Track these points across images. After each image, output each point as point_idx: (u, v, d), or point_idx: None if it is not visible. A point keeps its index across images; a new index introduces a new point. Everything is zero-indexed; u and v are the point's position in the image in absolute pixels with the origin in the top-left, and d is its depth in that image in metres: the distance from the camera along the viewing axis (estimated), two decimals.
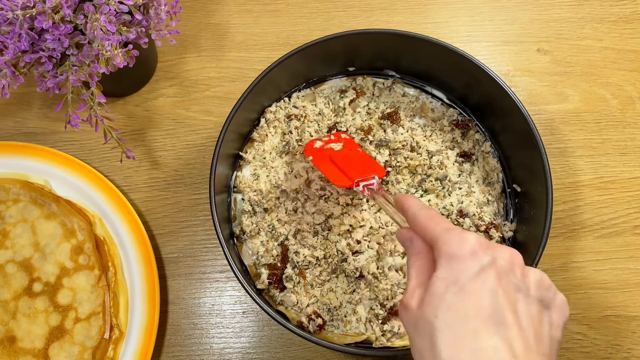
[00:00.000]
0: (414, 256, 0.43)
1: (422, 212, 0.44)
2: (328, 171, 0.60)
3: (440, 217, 0.43)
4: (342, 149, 0.63)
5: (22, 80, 0.57)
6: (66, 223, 0.67)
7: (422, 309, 0.38)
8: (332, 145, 0.63)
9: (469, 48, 0.77)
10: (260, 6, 0.81)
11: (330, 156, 0.61)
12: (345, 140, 0.64)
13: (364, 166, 0.61)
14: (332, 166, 0.61)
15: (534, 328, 0.37)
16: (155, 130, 0.74)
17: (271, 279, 0.61)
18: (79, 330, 0.63)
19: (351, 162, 0.61)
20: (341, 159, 0.61)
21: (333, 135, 0.65)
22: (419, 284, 0.40)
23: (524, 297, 0.38)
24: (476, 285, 0.37)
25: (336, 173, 0.60)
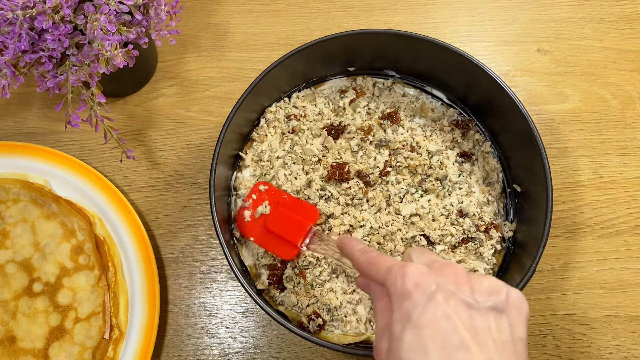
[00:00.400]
0: (376, 300, 0.43)
1: (362, 258, 0.45)
2: (273, 248, 0.61)
3: (380, 257, 0.43)
4: (271, 210, 0.63)
5: (22, 80, 0.57)
6: (66, 223, 0.67)
7: (389, 352, 0.38)
8: (260, 210, 0.63)
9: (469, 48, 0.77)
10: (260, 6, 0.81)
11: (267, 227, 0.61)
12: (268, 195, 0.64)
13: (297, 221, 0.60)
14: (273, 239, 0.61)
15: (494, 338, 0.37)
16: (155, 130, 0.74)
17: (271, 279, 0.61)
18: (79, 330, 0.63)
19: (286, 222, 0.61)
20: (277, 225, 0.61)
21: (254, 194, 0.64)
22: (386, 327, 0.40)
23: (476, 311, 0.38)
24: (428, 317, 0.37)
25: (280, 245, 0.60)
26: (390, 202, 0.64)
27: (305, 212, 0.62)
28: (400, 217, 0.63)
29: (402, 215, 0.63)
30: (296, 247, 0.59)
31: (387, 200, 0.64)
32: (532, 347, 0.65)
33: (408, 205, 0.64)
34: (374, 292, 0.43)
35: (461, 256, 0.62)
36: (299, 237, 0.59)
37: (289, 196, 0.63)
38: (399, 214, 0.63)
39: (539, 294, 0.66)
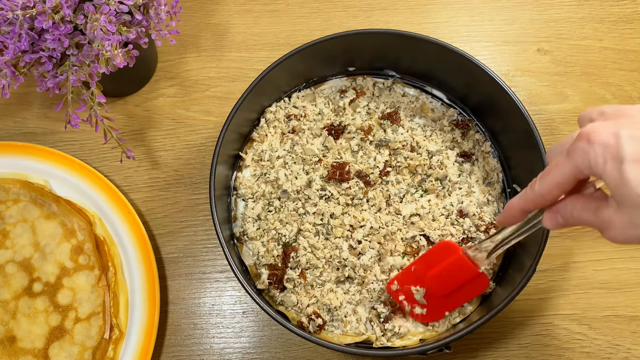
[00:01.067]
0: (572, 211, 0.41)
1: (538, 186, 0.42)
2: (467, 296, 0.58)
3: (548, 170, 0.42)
4: (426, 284, 0.58)
5: (22, 80, 0.57)
6: (66, 223, 0.67)
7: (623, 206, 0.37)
8: (418, 296, 0.59)
9: (469, 48, 0.77)
10: (260, 6, 0.81)
11: (442, 295, 0.58)
12: (405, 283, 0.60)
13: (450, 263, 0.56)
14: (458, 293, 0.58)
15: None
16: (155, 130, 0.74)
17: (271, 279, 0.61)
18: (79, 330, 0.63)
19: (448, 276, 0.57)
20: (445, 284, 0.57)
21: (399, 296, 0.60)
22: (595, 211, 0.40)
23: None
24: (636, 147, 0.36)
25: (470, 289, 0.57)
26: (390, 202, 0.64)
27: (443, 253, 0.58)
28: (400, 217, 0.63)
29: (402, 215, 0.63)
30: (480, 274, 0.56)
31: (387, 200, 0.64)
32: (532, 347, 0.65)
33: (408, 205, 0.64)
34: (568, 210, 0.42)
35: None
36: (471, 268, 0.55)
37: (415, 263, 0.60)
38: (399, 214, 0.63)
39: (539, 294, 0.66)
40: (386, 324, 0.59)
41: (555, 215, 0.43)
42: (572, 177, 0.40)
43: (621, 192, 0.36)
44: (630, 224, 0.37)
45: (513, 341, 0.65)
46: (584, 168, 0.38)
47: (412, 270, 0.59)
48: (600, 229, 0.40)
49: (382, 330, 0.59)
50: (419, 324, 0.60)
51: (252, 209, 0.64)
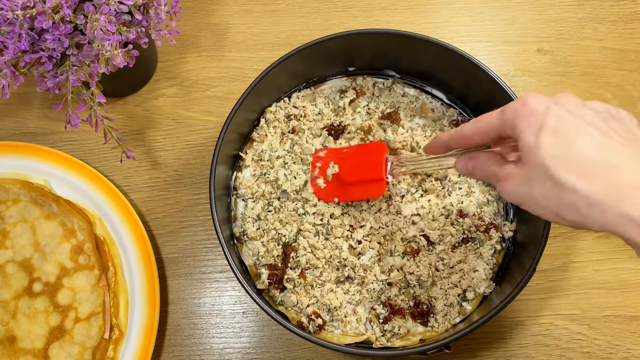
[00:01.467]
0: (485, 162, 0.45)
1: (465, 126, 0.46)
2: (360, 194, 0.61)
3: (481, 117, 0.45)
4: (340, 166, 0.62)
5: (22, 80, 0.57)
6: (66, 223, 0.67)
7: (525, 165, 0.40)
8: (330, 172, 0.63)
9: (469, 48, 0.77)
10: (260, 6, 0.81)
11: (345, 181, 0.61)
12: (330, 157, 0.64)
13: (370, 159, 0.60)
14: (356, 188, 0.61)
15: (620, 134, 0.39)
16: (155, 130, 0.74)
17: (271, 279, 0.61)
18: (79, 330, 0.63)
19: (360, 166, 0.60)
20: (354, 173, 0.61)
21: (317, 162, 0.64)
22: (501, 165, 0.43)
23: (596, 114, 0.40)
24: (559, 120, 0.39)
25: (366, 188, 0.60)
26: (390, 202, 0.64)
27: (372, 150, 0.61)
28: (400, 217, 0.63)
29: (403, 215, 0.63)
30: (381, 179, 0.58)
31: (387, 200, 0.64)
32: (532, 347, 0.65)
33: (408, 205, 0.64)
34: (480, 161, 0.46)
35: (461, 256, 0.62)
36: (379, 170, 0.58)
37: (348, 148, 0.63)
38: (399, 213, 0.63)
39: (539, 294, 0.66)
40: (386, 325, 0.59)
41: (468, 162, 0.47)
42: (496, 129, 0.43)
43: (530, 153, 0.39)
44: (525, 180, 0.40)
45: (513, 341, 0.65)
46: (508, 125, 0.42)
47: (342, 151, 0.63)
48: (497, 180, 0.43)
49: (381, 330, 0.59)
50: (419, 325, 0.60)
51: (252, 209, 0.64)
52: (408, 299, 0.61)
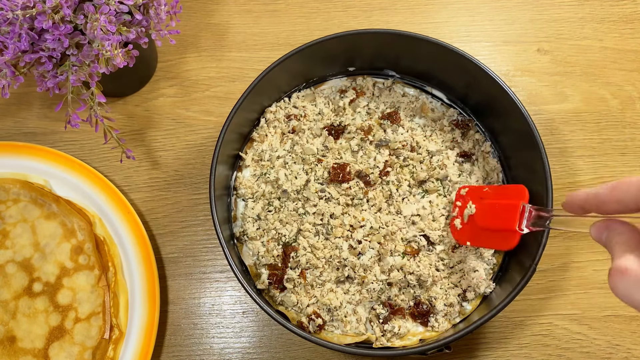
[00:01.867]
0: (619, 235, 0.38)
1: (601, 189, 0.39)
2: (492, 243, 0.58)
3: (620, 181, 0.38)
4: (477, 207, 0.59)
5: (22, 80, 0.57)
6: (66, 223, 0.67)
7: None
8: (467, 212, 0.60)
9: (469, 48, 0.77)
10: (260, 6, 0.81)
11: (478, 225, 0.58)
12: (470, 196, 0.61)
13: (505, 205, 0.55)
14: (490, 235, 0.57)
15: None
16: (155, 130, 0.74)
17: (271, 279, 0.61)
18: (79, 330, 0.63)
19: (494, 212, 0.56)
20: (486, 218, 0.57)
21: (457, 201, 0.62)
22: (631, 250, 0.36)
23: None
24: None
25: (499, 237, 0.56)
26: (390, 202, 0.64)
27: (511, 194, 0.57)
28: (400, 217, 0.63)
29: (403, 215, 0.63)
30: (514, 232, 0.53)
31: (387, 200, 0.64)
32: (532, 347, 0.65)
33: (408, 205, 0.64)
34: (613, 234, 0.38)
35: (461, 256, 0.62)
36: (514, 220, 0.53)
37: (490, 187, 0.60)
38: (399, 213, 0.63)
39: (539, 294, 0.66)
40: (385, 325, 0.59)
41: (603, 231, 0.40)
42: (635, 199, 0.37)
43: None
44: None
45: (513, 341, 0.65)
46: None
47: (483, 190, 0.60)
48: (610, 272, 0.36)
49: (381, 330, 0.59)
50: (419, 325, 0.60)
51: (252, 209, 0.64)
52: (408, 299, 0.61)
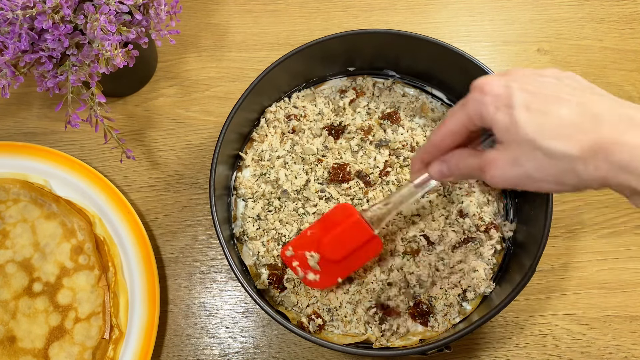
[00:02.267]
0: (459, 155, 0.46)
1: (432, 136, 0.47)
2: (362, 260, 0.58)
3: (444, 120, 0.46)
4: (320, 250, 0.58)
5: (22, 80, 0.57)
6: (66, 223, 0.67)
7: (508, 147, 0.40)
8: (312, 262, 0.58)
9: (469, 48, 0.77)
10: (260, 6, 0.81)
11: (336, 260, 0.57)
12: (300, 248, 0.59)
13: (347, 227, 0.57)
14: (352, 258, 0.57)
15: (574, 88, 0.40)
16: (155, 130, 0.74)
17: (271, 279, 0.61)
18: (79, 330, 0.63)
19: (342, 239, 0.57)
20: (340, 248, 0.57)
21: (293, 262, 0.59)
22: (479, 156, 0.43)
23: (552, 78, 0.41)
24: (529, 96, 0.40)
25: (363, 252, 0.57)
26: None
27: (342, 216, 0.58)
28: (400, 216, 0.63)
29: (403, 215, 0.63)
30: (375, 237, 0.56)
31: None
32: (532, 347, 0.65)
33: (408, 205, 0.64)
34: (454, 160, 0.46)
35: (461, 256, 0.62)
36: (367, 230, 0.56)
37: (311, 227, 0.60)
38: (399, 213, 0.63)
39: (539, 294, 0.66)
40: (383, 325, 0.59)
41: (441, 165, 0.47)
42: (464, 126, 0.43)
43: (510, 133, 0.39)
44: (513, 161, 0.40)
45: (513, 341, 0.65)
46: (475, 117, 0.42)
47: (307, 235, 0.59)
48: (483, 170, 0.42)
49: (380, 331, 0.59)
50: (418, 324, 0.60)
51: (252, 208, 0.64)
52: (408, 299, 0.61)
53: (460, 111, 0.43)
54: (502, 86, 0.40)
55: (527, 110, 0.39)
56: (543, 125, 0.38)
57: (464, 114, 0.43)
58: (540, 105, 0.39)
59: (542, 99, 0.39)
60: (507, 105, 0.39)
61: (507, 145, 0.40)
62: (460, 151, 0.46)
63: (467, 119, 0.43)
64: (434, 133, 0.46)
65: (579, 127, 0.38)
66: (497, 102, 0.40)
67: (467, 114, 0.42)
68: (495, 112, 0.40)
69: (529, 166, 0.40)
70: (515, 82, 0.40)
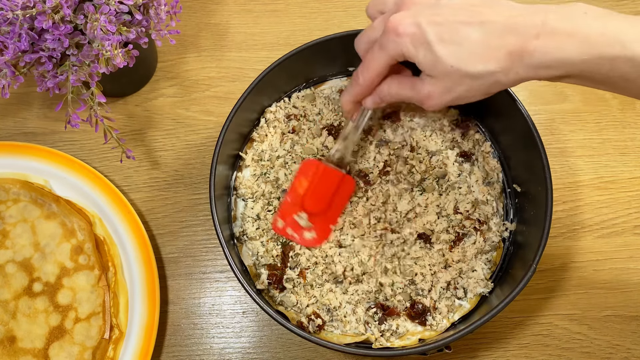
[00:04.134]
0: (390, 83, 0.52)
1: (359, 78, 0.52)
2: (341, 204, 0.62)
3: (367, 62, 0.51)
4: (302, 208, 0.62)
5: (22, 80, 0.57)
6: (66, 223, 0.67)
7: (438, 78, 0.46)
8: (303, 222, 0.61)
9: None
10: (260, 6, 0.81)
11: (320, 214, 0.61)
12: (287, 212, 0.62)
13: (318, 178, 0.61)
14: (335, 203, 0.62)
15: None
16: (155, 130, 0.74)
17: (271, 279, 0.61)
18: (79, 330, 0.63)
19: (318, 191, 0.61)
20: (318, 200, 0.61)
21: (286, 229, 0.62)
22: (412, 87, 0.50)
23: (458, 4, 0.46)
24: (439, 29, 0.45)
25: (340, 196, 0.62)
26: (387, 201, 0.64)
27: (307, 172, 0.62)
28: (399, 215, 0.63)
29: (402, 215, 0.63)
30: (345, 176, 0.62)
31: (387, 199, 0.64)
32: (532, 347, 0.65)
33: (407, 204, 0.64)
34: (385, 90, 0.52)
35: (459, 255, 0.62)
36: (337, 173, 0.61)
37: (288, 194, 0.63)
38: (395, 211, 0.63)
39: (539, 294, 0.66)
40: (382, 325, 0.59)
41: (374, 97, 0.53)
42: (387, 65, 0.49)
43: (436, 67, 0.45)
44: (446, 90, 0.47)
45: (513, 341, 0.65)
46: (397, 56, 0.47)
47: (288, 201, 0.62)
48: (421, 102, 0.50)
49: (379, 331, 0.59)
50: (417, 324, 0.60)
51: (252, 208, 0.64)
52: (405, 299, 0.61)
53: (381, 53, 0.48)
54: (413, 24, 0.45)
55: (442, 42, 0.44)
56: (461, 53, 0.44)
57: (386, 54, 0.48)
58: (452, 35, 0.44)
59: (451, 28, 0.44)
60: (424, 42, 0.45)
61: (436, 78, 0.46)
62: (388, 82, 0.51)
63: (390, 58, 0.48)
64: (361, 77, 0.51)
65: (491, 45, 0.43)
66: (414, 40, 0.45)
67: (389, 55, 0.47)
68: (415, 50, 0.45)
69: (460, 90, 0.46)
70: (422, 16, 0.45)
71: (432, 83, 0.47)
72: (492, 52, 0.43)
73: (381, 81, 0.52)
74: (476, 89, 0.46)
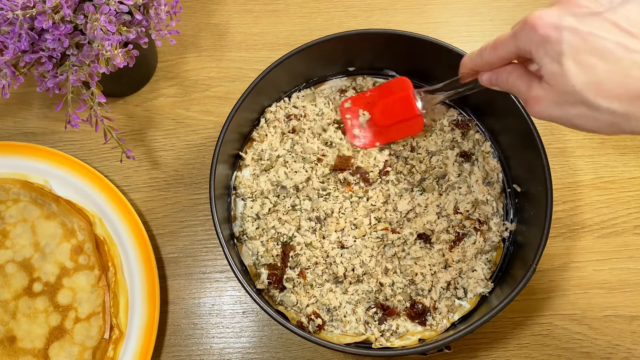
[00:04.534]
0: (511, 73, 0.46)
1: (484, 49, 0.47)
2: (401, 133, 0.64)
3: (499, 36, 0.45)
4: (370, 112, 0.65)
5: (22, 80, 0.57)
6: (66, 223, 0.67)
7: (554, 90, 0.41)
8: (363, 120, 0.65)
9: (469, 48, 0.76)
10: (260, 6, 0.81)
11: (380, 125, 0.64)
12: (357, 105, 0.66)
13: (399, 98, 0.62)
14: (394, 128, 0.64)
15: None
16: (155, 130, 0.74)
17: (271, 279, 0.61)
18: (79, 330, 0.63)
19: (392, 108, 0.63)
20: (387, 116, 0.63)
21: (346, 114, 0.66)
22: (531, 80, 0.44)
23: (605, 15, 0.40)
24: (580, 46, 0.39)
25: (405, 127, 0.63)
26: (389, 201, 0.64)
27: (397, 88, 0.63)
28: (399, 215, 0.63)
29: (402, 214, 0.63)
30: (416, 116, 0.61)
31: (386, 199, 0.64)
32: (532, 347, 0.65)
33: (407, 204, 0.64)
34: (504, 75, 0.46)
35: (459, 255, 0.62)
36: (412, 108, 0.61)
37: (371, 90, 0.66)
38: (396, 211, 0.63)
39: (539, 294, 0.66)
40: (382, 325, 0.59)
41: (492, 75, 0.49)
42: (514, 54, 0.45)
43: (557, 80, 0.40)
44: (556, 103, 0.42)
45: (513, 341, 0.65)
46: (525, 52, 0.42)
47: (366, 95, 0.65)
48: (527, 102, 0.44)
49: (379, 331, 0.59)
50: (417, 324, 0.60)
51: (251, 208, 0.64)
52: (405, 299, 0.61)
53: (511, 41, 0.44)
54: (553, 26, 0.40)
55: (575, 61, 0.39)
56: (591, 81, 0.39)
57: (514, 45, 0.43)
58: (588, 58, 0.39)
59: (590, 49, 0.39)
60: (557, 52, 0.39)
61: (553, 87, 0.41)
62: (511, 68, 0.46)
63: (517, 50, 0.43)
64: (485, 52, 0.47)
65: (624, 86, 0.38)
66: (547, 46, 0.40)
67: (517, 47, 0.43)
68: (544, 55, 0.40)
69: (573, 113, 0.41)
70: (568, 20, 0.40)
71: (547, 89, 0.42)
72: (624, 93, 0.38)
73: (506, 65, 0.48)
74: (589, 120, 0.41)
